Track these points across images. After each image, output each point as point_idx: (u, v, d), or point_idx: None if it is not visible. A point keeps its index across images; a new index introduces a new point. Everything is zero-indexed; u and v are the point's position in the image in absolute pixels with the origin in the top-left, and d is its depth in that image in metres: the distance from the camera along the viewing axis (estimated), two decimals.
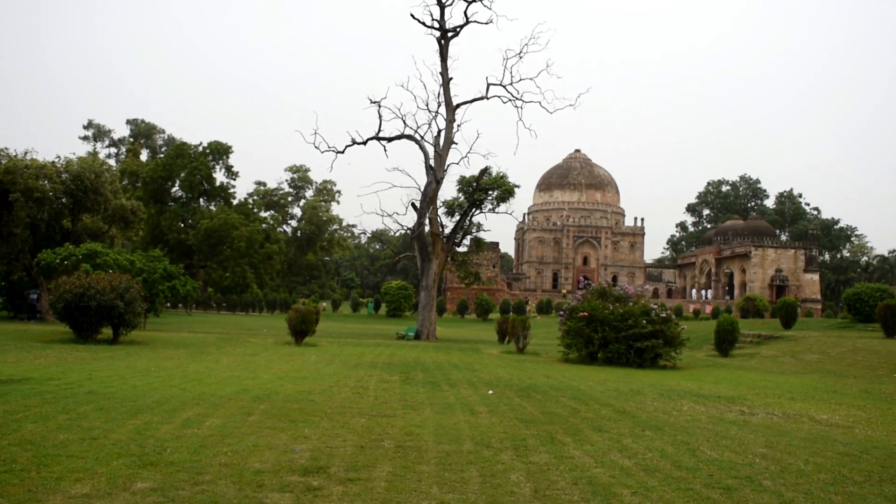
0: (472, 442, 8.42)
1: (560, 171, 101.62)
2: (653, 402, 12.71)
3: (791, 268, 78.78)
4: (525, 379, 15.83)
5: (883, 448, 9.21)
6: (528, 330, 25.52)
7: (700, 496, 6.49)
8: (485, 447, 8.16)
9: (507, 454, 7.86)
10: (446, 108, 33.45)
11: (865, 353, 22.75)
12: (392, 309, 59.11)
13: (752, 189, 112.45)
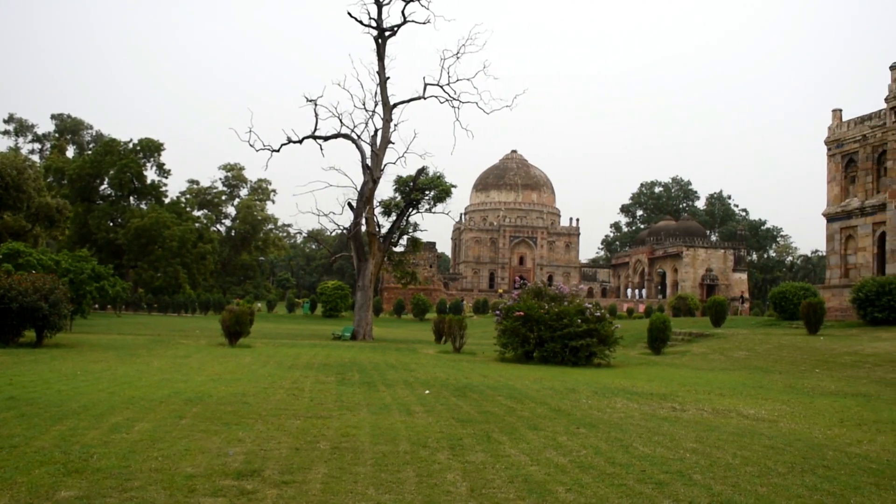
0: (408, 442, 8.40)
1: (496, 171, 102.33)
2: (587, 399, 12.89)
3: (721, 267, 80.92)
4: (461, 378, 15.88)
5: (805, 440, 9.54)
6: (464, 330, 25.60)
7: (633, 491, 6.60)
8: (421, 447, 8.15)
9: (443, 454, 7.86)
10: (383, 107, 33.34)
11: (790, 349, 23.52)
12: (328, 309, 58.63)
13: (683, 190, 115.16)
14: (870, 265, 35.91)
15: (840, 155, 38.65)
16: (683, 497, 6.46)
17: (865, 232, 36.54)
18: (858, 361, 20.47)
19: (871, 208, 36.01)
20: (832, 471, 7.68)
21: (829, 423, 11.26)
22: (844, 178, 38.51)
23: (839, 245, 38.50)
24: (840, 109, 39.26)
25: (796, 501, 6.44)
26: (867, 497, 6.70)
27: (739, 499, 6.45)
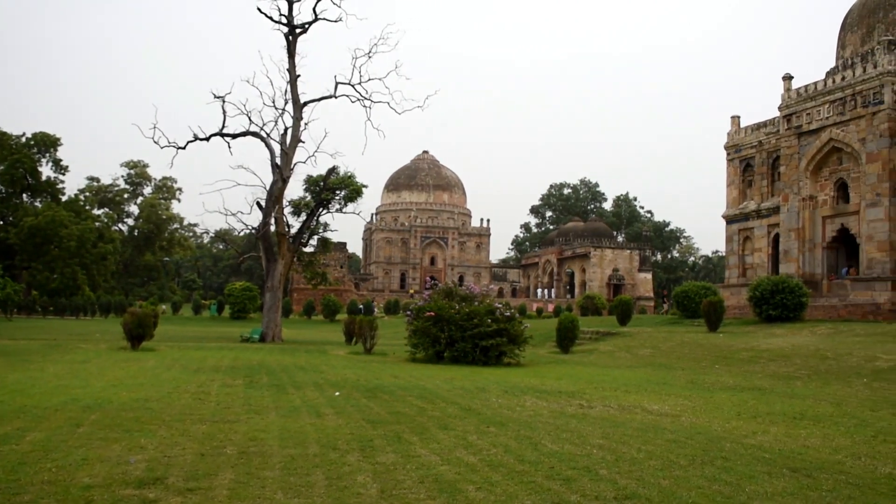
0: (318, 445, 8.29)
1: (408, 171, 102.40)
2: (497, 398, 13.01)
3: (627, 267, 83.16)
4: (372, 379, 15.79)
5: (705, 433, 9.89)
6: (375, 330, 25.49)
7: (541, 488, 6.69)
8: (331, 449, 8.06)
9: (353, 455, 7.79)
10: (293, 105, 32.87)
11: (692, 346, 24.39)
12: (236, 311, 57.32)
13: (591, 192, 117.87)
14: (765, 265, 37.62)
15: (738, 160, 40.36)
16: (590, 492, 6.58)
17: (761, 233, 38.26)
18: (754, 357, 21.40)
19: (767, 211, 37.72)
20: (729, 461, 7.99)
21: (728, 416, 11.72)
22: (742, 182, 40.23)
23: (737, 246, 40.20)
24: (738, 116, 41.02)
25: (696, 492, 6.66)
26: (760, 484, 7.01)
27: (644, 492, 6.62)
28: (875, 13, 36.36)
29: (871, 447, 9.35)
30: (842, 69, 35.74)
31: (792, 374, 18.71)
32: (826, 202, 34.11)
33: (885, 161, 30.56)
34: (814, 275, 34.06)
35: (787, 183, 35.33)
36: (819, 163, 34.10)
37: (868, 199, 31.26)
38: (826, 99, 33.40)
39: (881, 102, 30.94)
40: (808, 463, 8.12)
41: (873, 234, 30.92)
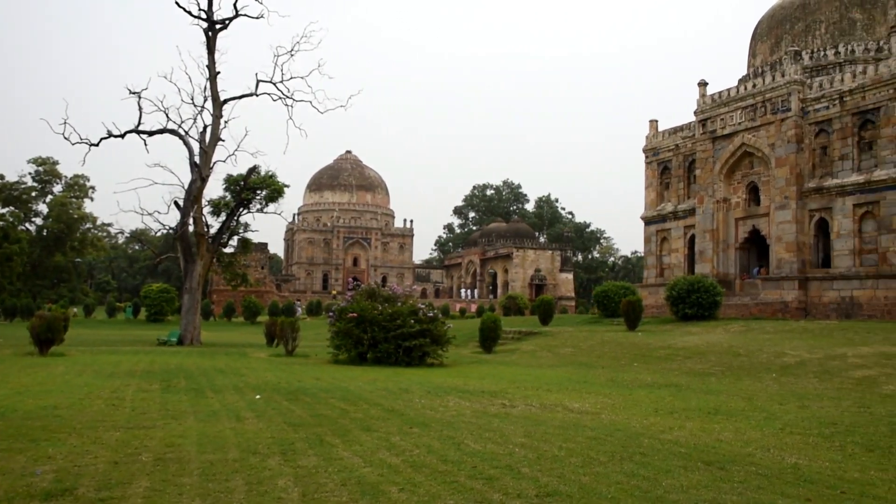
0: (238, 449, 8.11)
1: (331, 171, 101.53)
2: (420, 399, 13.00)
3: (549, 268, 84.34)
4: (294, 382, 15.57)
5: (624, 430, 10.10)
6: (297, 332, 25.17)
7: (464, 487, 6.71)
8: (251, 454, 7.90)
9: (274, 459, 7.65)
10: (213, 102, 32.16)
11: (612, 345, 24.89)
12: (153, 313, 55.71)
13: (514, 193, 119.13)
14: (682, 265, 38.74)
15: (656, 162, 41.45)
16: (512, 490, 6.63)
17: (678, 234, 39.38)
18: (671, 355, 21.99)
19: (683, 212, 38.85)
20: (647, 457, 8.18)
21: (646, 412, 12.00)
22: (660, 184, 41.33)
23: (655, 246, 41.27)
24: (656, 120, 42.12)
25: (615, 487, 6.79)
26: (676, 478, 7.20)
27: (564, 488, 6.71)
28: (783, 25, 37.91)
29: (778, 439, 9.72)
30: (753, 77, 37.13)
31: (707, 370, 19.31)
32: (739, 204, 35.35)
33: (793, 165, 31.86)
34: (727, 274, 35.26)
35: (702, 185, 36.46)
36: (732, 166, 35.31)
37: (777, 201, 32.53)
38: (738, 105, 34.62)
39: (789, 110, 32.25)
40: (721, 456, 8.39)
41: (782, 235, 32.20)
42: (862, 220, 30.01)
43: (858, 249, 29.95)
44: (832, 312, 29.83)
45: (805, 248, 31.79)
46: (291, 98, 33.43)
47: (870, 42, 34.68)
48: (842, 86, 30.85)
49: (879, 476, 7.69)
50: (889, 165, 28.93)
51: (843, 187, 30.39)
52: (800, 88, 32.22)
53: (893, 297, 28.07)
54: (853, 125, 30.56)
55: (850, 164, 30.49)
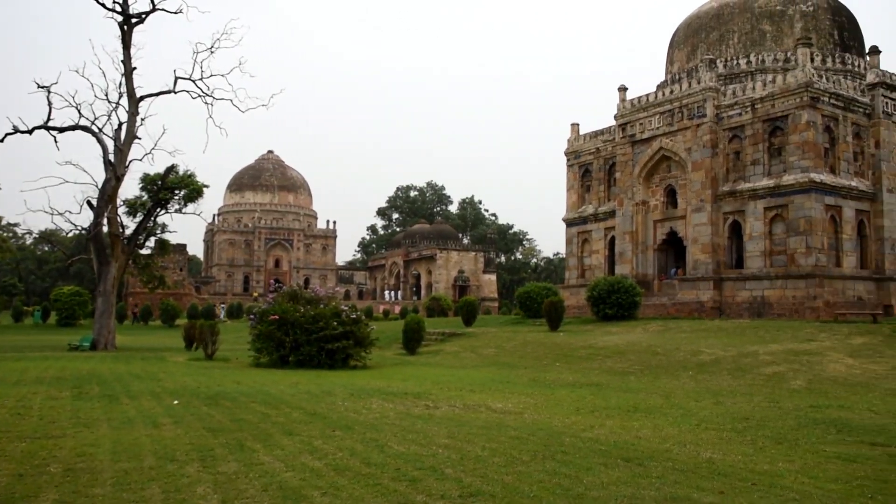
0: (154, 457, 7.87)
1: (252, 171, 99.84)
2: (343, 402, 12.89)
3: (472, 269, 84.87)
4: (214, 386, 15.22)
5: (546, 429, 10.23)
6: (217, 335, 24.63)
7: (388, 490, 6.68)
8: (169, 461, 7.68)
9: (193, 466, 7.46)
10: (129, 99, 31.16)
11: (534, 345, 25.18)
12: (64, 317, 53.63)
13: (437, 195, 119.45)
14: (602, 266, 39.52)
15: (577, 165, 42.18)
16: (436, 491, 6.63)
17: (599, 236, 40.16)
18: (592, 354, 22.39)
19: (604, 214, 39.65)
20: (569, 455, 8.30)
21: (567, 411, 12.18)
22: (581, 187, 42.08)
23: (577, 248, 41.99)
24: (578, 124, 42.87)
25: (538, 486, 6.87)
26: (597, 475, 7.33)
27: (488, 488, 6.75)
28: (698, 33, 39.12)
29: (695, 435, 10.01)
30: (670, 83, 38.19)
31: (626, 369, 19.74)
32: (657, 207, 36.28)
33: (708, 169, 32.90)
34: (646, 275, 36.14)
35: (622, 188, 37.29)
36: (651, 170, 36.22)
37: (693, 204, 33.53)
38: (657, 110, 35.55)
39: (704, 115, 33.29)
40: (640, 452, 8.58)
41: (698, 237, 33.20)
42: (772, 223, 31.21)
43: (769, 251, 31.14)
44: (745, 311, 30.91)
45: (720, 250, 32.86)
46: (211, 96, 32.68)
47: (778, 53, 36.11)
48: (753, 94, 32.03)
49: (787, 467, 8.01)
50: (797, 170, 30.16)
51: (754, 191, 31.54)
52: (714, 95, 33.31)
53: (801, 297, 29.27)
54: (764, 131, 31.77)
55: (762, 168, 31.68)
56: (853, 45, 37.55)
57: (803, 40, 32.23)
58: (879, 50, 33.11)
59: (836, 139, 31.30)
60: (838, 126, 31.32)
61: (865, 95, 32.41)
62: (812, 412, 12.36)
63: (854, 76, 34.77)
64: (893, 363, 18.33)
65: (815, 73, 30.88)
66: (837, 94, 31.12)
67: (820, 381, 16.55)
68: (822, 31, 36.73)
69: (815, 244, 29.55)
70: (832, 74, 32.90)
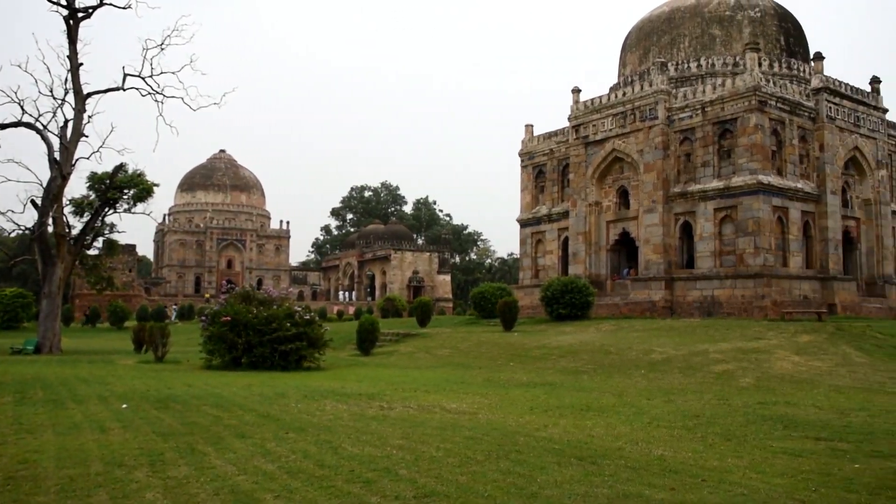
0: (101, 462, 7.70)
1: (204, 171, 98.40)
2: (297, 403, 12.77)
3: (427, 269, 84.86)
4: (164, 389, 14.96)
5: (500, 429, 10.26)
6: (167, 337, 24.24)
7: (342, 492, 6.63)
8: (117, 466, 7.51)
9: (142, 471, 7.31)
10: (75, 96, 30.44)
11: (488, 345, 25.28)
12: (6, 320, 52.08)
13: (392, 195, 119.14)
14: (556, 266, 39.82)
15: (532, 166, 42.45)
16: (390, 492, 6.60)
17: (552, 236, 40.47)
18: (546, 354, 22.56)
19: (557, 215, 39.96)
20: (523, 454, 8.34)
21: (521, 411, 12.24)
22: (535, 188, 42.36)
23: (531, 248, 42.24)
24: (532, 125, 43.14)
25: (492, 485, 6.88)
26: (550, 474, 7.37)
27: (442, 489, 6.74)
28: (650, 37, 39.68)
29: (646, 433, 10.14)
30: (623, 86, 38.65)
31: (580, 368, 19.93)
32: (610, 208, 36.69)
33: (660, 171, 33.39)
34: (599, 275, 36.52)
35: (575, 189, 37.63)
36: (604, 171, 36.61)
37: (645, 205, 33.99)
38: (610, 112, 35.95)
39: (656, 118, 33.78)
40: (593, 451, 8.66)
41: (650, 237, 33.67)
42: (722, 224, 31.80)
43: (719, 251, 31.71)
44: (695, 311, 31.44)
45: (671, 250, 33.37)
46: (161, 94, 32.08)
47: (728, 57, 36.80)
48: (703, 97, 32.61)
49: (736, 463, 8.16)
50: (745, 172, 30.78)
51: (705, 192, 32.10)
52: (666, 98, 33.82)
53: (749, 296, 29.88)
54: (714, 134, 32.36)
55: (712, 170, 32.26)
56: (798, 51, 38.45)
57: (751, 45, 32.90)
58: (823, 56, 33.96)
59: (782, 142, 32.02)
60: (785, 129, 32.05)
61: (810, 100, 33.21)
62: (760, 409, 12.62)
63: (799, 81, 35.60)
64: (837, 360, 18.84)
65: (762, 77, 31.56)
66: (784, 98, 31.84)
67: (768, 379, 16.92)
68: (769, 37, 37.55)
69: (763, 244, 30.19)
70: (779, 79, 33.66)
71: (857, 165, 35.13)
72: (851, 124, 34.38)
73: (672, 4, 39.99)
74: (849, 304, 32.01)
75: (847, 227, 34.34)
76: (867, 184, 35.35)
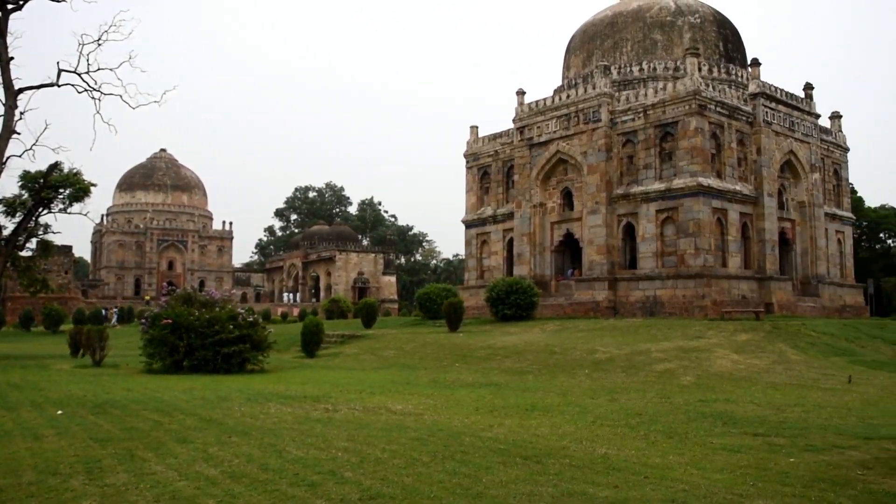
0: (34, 471, 7.45)
1: (144, 170, 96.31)
2: (240, 407, 12.58)
3: (372, 270, 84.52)
4: (102, 394, 14.57)
5: (446, 430, 10.26)
6: (106, 341, 23.64)
7: (286, 495, 6.55)
8: (51, 475, 7.28)
9: (78, 479, 7.10)
10: (6, 92, 29.47)
11: (434, 346, 25.28)
12: None
13: (336, 196, 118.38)
14: (501, 267, 40.05)
15: (477, 167, 42.61)
16: (335, 495, 6.54)
17: (497, 237, 40.68)
18: (491, 354, 22.65)
19: (502, 216, 40.20)
20: (468, 455, 8.35)
21: (467, 411, 12.26)
22: (480, 189, 42.53)
23: (476, 249, 42.40)
24: (477, 126, 43.30)
25: (437, 486, 6.87)
26: (496, 474, 7.40)
27: (387, 490, 6.71)
28: (594, 40, 40.21)
29: (590, 431, 10.25)
30: (567, 88, 39.08)
31: (525, 368, 20.06)
32: (554, 209, 37.05)
33: (603, 173, 33.85)
34: (544, 276, 36.85)
35: (520, 191, 37.90)
36: (548, 172, 36.96)
37: (589, 206, 34.42)
38: (554, 114, 36.31)
39: (599, 120, 34.24)
40: (538, 450, 8.71)
41: (593, 238, 34.10)
42: (663, 225, 32.39)
43: (661, 252, 32.29)
44: (638, 310, 31.95)
45: (614, 251, 33.85)
46: (99, 91, 31.27)
47: (669, 61, 37.53)
48: (646, 100, 33.18)
49: (677, 460, 8.31)
50: (686, 175, 31.41)
51: (647, 194, 32.65)
52: (609, 101, 34.30)
53: (690, 296, 30.50)
54: (655, 137, 32.95)
55: (653, 172, 32.84)
56: (737, 57, 39.42)
57: (691, 50, 33.60)
58: (760, 62, 34.85)
59: (721, 145, 32.76)
60: (724, 133, 32.80)
61: (748, 104, 34.06)
62: (700, 406, 12.87)
63: (738, 86, 36.49)
64: (774, 358, 19.35)
65: (702, 81, 32.26)
66: (723, 102, 32.59)
67: (708, 377, 17.28)
68: (708, 43, 38.40)
69: (704, 245, 30.84)
70: (718, 83, 34.45)
71: (792, 169, 36.17)
72: (787, 129, 35.38)
73: (615, 9, 40.61)
74: (785, 304, 32.92)
75: (783, 228, 35.32)
76: (802, 186, 36.41)
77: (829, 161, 40.05)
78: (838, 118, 41.99)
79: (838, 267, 39.36)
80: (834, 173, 40.67)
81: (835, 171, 40.77)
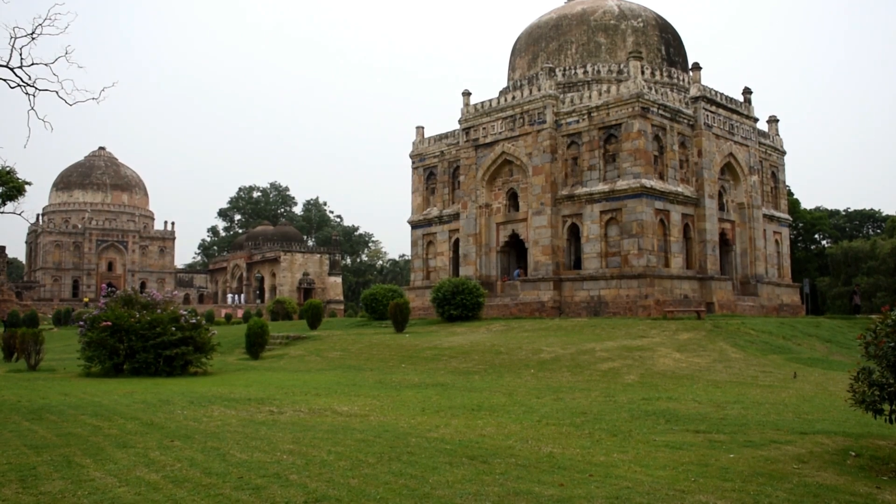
0: None
1: (82, 169, 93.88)
2: (182, 410, 12.35)
3: (317, 271, 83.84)
4: (37, 399, 14.15)
5: (392, 431, 10.23)
6: (41, 344, 23.00)
7: (230, 499, 6.45)
8: None
9: (10, 488, 6.88)
10: None
11: (380, 347, 25.19)
12: None
13: (281, 196, 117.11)
14: (447, 268, 40.13)
15: (422, 168, 42.62)
16: (280, 499, 6.47)
17: (443, 238, 40.74)
18: (438, 355, 22.67)
19: (448, 217, 40.27)
20: (415, 455, 8.34)
21: (413, 412, 12.24)
22: (426, 190, 42.55)
23: (422, 250, 42.39)
24: (423, 127, 43.33)
25: (384, 488, 6.85)
26: (442, 474, 7.41)
27: (333, 493, 6.66)
28: (539, 42, 40.57)
29: (536, 431, 10.33)
30: (512, 90, 39.36)
31: (471, 369, 20.13)
32: (500, 210, 37.27)
33: (548, 174, 34.17)
34: (490, 276, 37.04)
35: (466, 191, 38.03)
36: (494, 173, 37.17)
37: (534, 207, 34.71)
38: (499, 115, 36.52)
39: (544, 122, 34.56)
40: (484, 450, 8.75)
41: (538, 239, 34.40)
42: (607, 226, 32.84)
43: (605, 252, 32.74)
44: (583, 310, 32.34)
45: (559, 252, 34.19)
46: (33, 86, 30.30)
47: (613, 64, 38.09)
48: (590, 102, 33.61)
49: (621, 458, 8.43)
50: (629, 176, 31.91)
51: (591, 195, 33.07)
52: (554, 103, 34.65)
53: (634, 296, 30.98)
54: (600, 139, 33.39)
55: (598, 174, 33.27)
56: (678, 61, 40.20)
57: (634, 54, 34.15)
58: (700, 66, 35.60)
59: (664, 148, 33.37)
60: (666, 135, 33.41)
61: (689, 108, 34.77)
62: (644, 404, 13.08)
63: (679, 89, 37.22)
64: (714, 356, 19.79)
65: (645, 84, 32.80)
66: (665, 105, 33.20)
67: (651, 375, 17.58)
68: (651, 47, 39.08)
69: (647, 246, 31.37)
70: (660, 87, 35.07)
71: (731, 171, 37.05)
72: (726, 132, 36.22)
73: (560, 11, 41.04)
74: (725, 303, 33.70)
75: (723, 229, 36.15)
76: (741, 189, 37.31)
77: (767, 164, 41.16)
78: (775, 122, 43.21)
79: (776, 267, 40.48)
80: (772, 176, 41.82)
81: (772, 174, 41.92)
